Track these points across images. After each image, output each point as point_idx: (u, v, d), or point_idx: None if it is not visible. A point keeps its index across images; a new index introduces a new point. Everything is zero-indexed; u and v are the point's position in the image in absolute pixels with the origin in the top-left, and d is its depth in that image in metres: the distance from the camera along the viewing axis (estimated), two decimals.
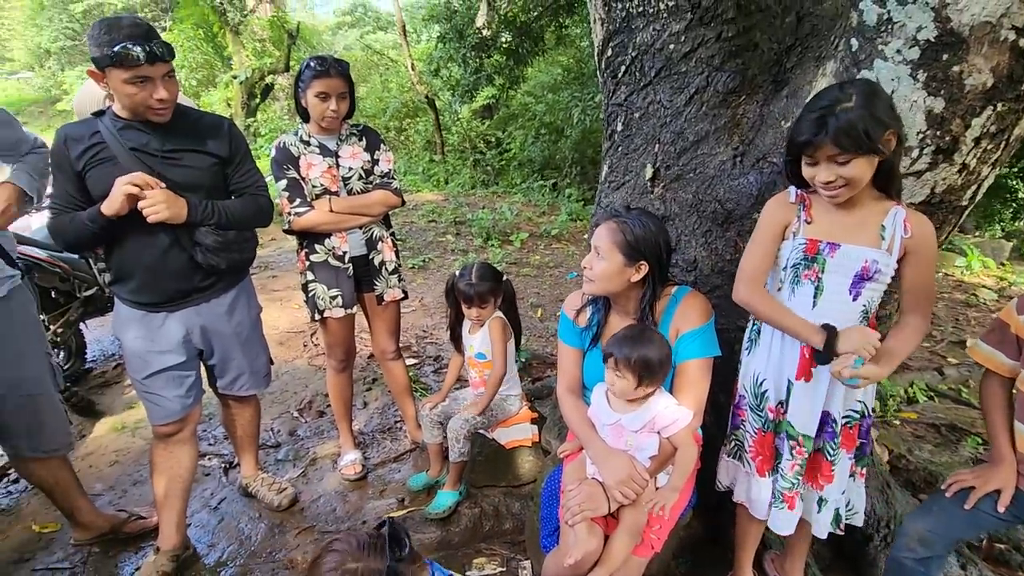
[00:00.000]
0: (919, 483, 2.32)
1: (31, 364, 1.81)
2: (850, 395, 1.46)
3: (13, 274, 1.75)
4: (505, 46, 8.01)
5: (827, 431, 1.47)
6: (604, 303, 1.63)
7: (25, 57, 24.41)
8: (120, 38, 1.52)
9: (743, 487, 1.61)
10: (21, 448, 1.88)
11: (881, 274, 1.36)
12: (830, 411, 1.46)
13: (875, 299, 1.40)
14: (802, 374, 1.44)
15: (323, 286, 2.20)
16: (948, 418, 2.83)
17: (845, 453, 1.49)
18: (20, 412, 1.81)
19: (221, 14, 11.65)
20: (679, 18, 1.65)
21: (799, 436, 1.47)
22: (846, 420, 1.47)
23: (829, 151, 1.26)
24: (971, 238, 6.08)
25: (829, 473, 1.50)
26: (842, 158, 1.25)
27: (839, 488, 1.51)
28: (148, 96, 1.60)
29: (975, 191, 1.48)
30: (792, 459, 1.49)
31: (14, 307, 1.76)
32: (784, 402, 1.50)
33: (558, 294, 4.78)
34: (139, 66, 1.55)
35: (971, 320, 4.19)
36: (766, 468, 1.54)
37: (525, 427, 2.30)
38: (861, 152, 1.24)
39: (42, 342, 1.89)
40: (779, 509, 1.53)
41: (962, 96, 1.31)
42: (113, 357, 3.77)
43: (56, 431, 1.92)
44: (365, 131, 2.24)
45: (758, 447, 1.55)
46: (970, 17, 1.23)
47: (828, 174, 1.29)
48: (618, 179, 1.98)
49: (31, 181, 1.78)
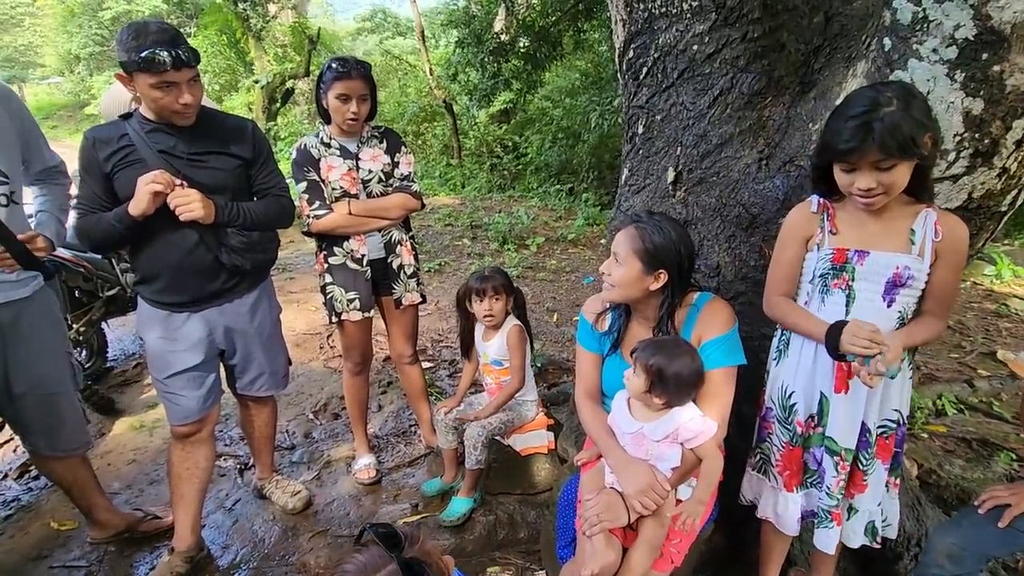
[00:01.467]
0: (951, 499, 2.24)
1: (52, 363, 1.83)
2: (886, 404, 1.41)
3: (36, 275, 1.77)
4: (523, 51, 8.01)
5: (862, 440, 1.42)
6: (624, 309, 1.60)
7: (56, 63, 25.16)
8: (148, 44, 1.55)
9: (769, 502, 1.56)
10: (40, 446, 1.90)
11: (915, 280, 1.32)
12: (865, 421, 1.41)
13: (911, 305, 1.36)
14: (841, 387, 1.40)
15: (340, 289, 2.19)
16: (980, 432, 2.72)
17: (881, 464, 1.44)
18: (40, 410, 1.83)
19: (244, 20, 11.88)
20: (703, 19, 1.62)
21: (842, 450, 1.43)
22: (882, 430, 1.42)
23: (873, 157, 1.21)
24: (1001, 246, 5.90)
25: (862, 483, 1.45)
26: (885, 164, 1.21)
27: (873, 499, 1.46)
28: (173, 100, 1.63)
29: (1016, 196, 1.42)
30: (837, 475, 1.44)
31: (36, 308, 1.78)
32: (816, 416, 1.45)
33: (574, 299, 4.74)
34: (165, 72, 1.57)
35: (1002, 331, 4.05)
36: (794, 483, 1.49)
37: (541, 434, 2.27)
38: (905, 157, 1.20)
39: (64, 342, 1.91)
40: (827, 528, 1.48)
41: (1003, 97, 1.25)
42: (133, 356, 3.81)
43: (74, 431, 1.93)
44: (386, 133, 2.24)
45: (785, 461, 1.50)
46: (1012, 15, 1.18)
47: (869, 181, 1.24)
48: (639, 182, 1.94)
49: (58, 229, 1.80)
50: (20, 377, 1.76)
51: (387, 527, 1.02)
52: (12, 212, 1.66)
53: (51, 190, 1.83)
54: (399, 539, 0.99)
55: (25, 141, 1.73)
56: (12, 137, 1.68)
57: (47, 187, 1.82)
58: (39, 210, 1.79)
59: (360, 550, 0.98)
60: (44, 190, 1.81)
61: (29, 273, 1.73)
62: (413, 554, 0.98)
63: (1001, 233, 6.39)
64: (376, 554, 0.97)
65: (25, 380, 1.77)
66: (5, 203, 1.64)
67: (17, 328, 1.73)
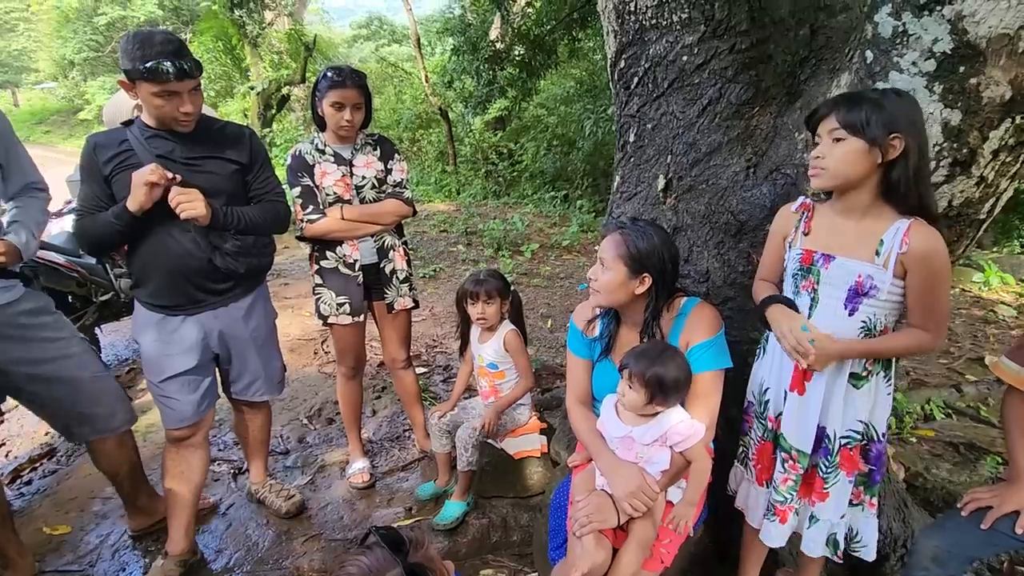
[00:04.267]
0: (937, 502, 2.27)
1: (61, 349, 1.83)
2: (849, 414, 1.40)
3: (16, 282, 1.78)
4: (518, 59, 8.07)
5: (822, 447, 1.43)
6: (614, 315, 1.63)
7: (49, 68, 25.11)
8: (152, 55, 1.58)
9: (744, 493, 1.60)
10: (81, 432, 1.93)
11: (877, 290, 1.30)
12: (826, 427, 1.41)
13: (879, 316, 1.34)
14: (795, 386, 1.41)
15: (331, 292, 2.22)
16: (967, 436, 2.76)
17: (844, 475, 1.43)
18: (68, 397, 1.84)
19: (240, 27, 11.91)
20: (692, 31, 1.66)
21: (792, 450, 1.44)
22: (845, 440, 1.42)
23: (830, 124, 1.27)
24: (989, 253, 5.98)
25: (822, 491, 1.45)
26: (837, 134, 1.26)
27: (835, 511, 1.46)
28: (174, 109, 1.66)
29: (993, 204, 1.46)
30: (785, 472, 1.46)
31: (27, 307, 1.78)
32: (782, 413, 1.47)
33: (568, 305, 4.77)
34: (168, 82, 1.60)
35: (990, 337, 4.11)
36: (764, 477, 1.52)
37: (534, 438, 2.29)
38: (854, 133, 1.24)
39: (69, 329, 1.90)
40: (771, 521, 1.50)
41: (979, 108, 1.29)
42: (126, 362, 3.81)
43: (114, 409, 1.95)
44: (380, 141, 2.26)
45: (759, 455, 1.54)
46: (987, 29, 1.22)
47: (819, 150, 1.30)
48: (630, 190, 1.98)
49: (29, 242, 1.77)
50: (34, 370, 1.77)
51: (392, 530, 1.02)
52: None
53: (26, 203, 1.82)
54: (404, 543, 1.00)
55: (4, 154, 1.74)
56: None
57: (23, 200, 1.82)
58: (10, 220, 1.79)
59: (364, 552, 0.98)
60: (19, 203, 1.81)
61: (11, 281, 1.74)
62: (417, 559, 0.98)
63: (990, 241, 6.48)
64: (381, 557, 0.97)
65: (39, 372, 1.78)
66: None
67: (12, 327, 1.73)
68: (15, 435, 2.99)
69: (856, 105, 1.25)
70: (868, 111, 1.23)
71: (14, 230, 1.76)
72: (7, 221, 1.79)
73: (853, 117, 1.24)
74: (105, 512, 2.35)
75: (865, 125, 1.23)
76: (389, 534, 1.01)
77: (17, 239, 1.74)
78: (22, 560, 1.95)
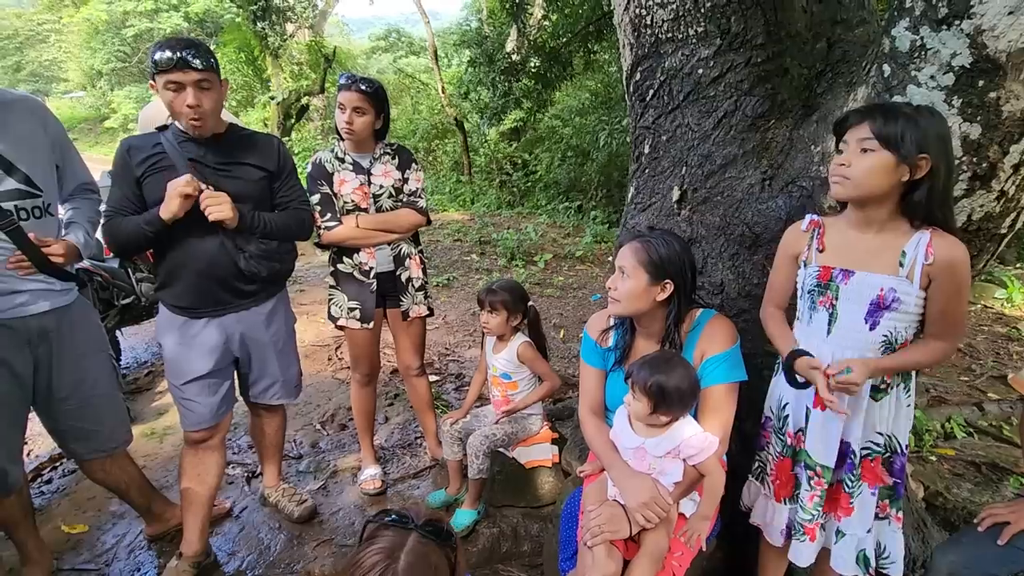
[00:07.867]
0: (957, 522, 2.21)
1: (92, 367, 1.86)
2: (869, 426, 1.39)
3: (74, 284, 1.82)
4: (534, 71, 8.16)
5: (847, 462, 1.42)
6: (629, 325, 1.63)
7: (78, 78, 25.85)
8: (160, 47, 1.66)
9: (761, 509, 1.58)
10: (81, 452, 1.92)
11: (901, 303, 1.29)
12: (849, 441, 1.40)
13: (900, 330, 1.33)
14: (819, 402, 1.40)
15: (344, 295, 2.26)
16: (989, 456, 2.70)
17: (867, 488, 1.42)
18: (78, 416, 1.84)
19: (263, 39, 12.18)
20: (708, 44, 1.67)
21: (817, 466, 1.43)
22: (866, 452, 1.41)
23: (861, 133, 1.25)
24: (1012, 269, 5.86)
25: (848, 506, 1.43)
26: (868, 144, 1.24)
27: (862, 525, 1.44)
28: (181, 102, 1.69)
29: (1015, 219, 1.44)
30: (811, 490, 1.44)
31: (76, 315, 1.81)
32: (803, 429, 1.46)
33: (581, 315, 4.76)
34: (169, 71, 1.65)
35: (1013, 354, 4.02)
36: (783, 494, 1.50)
37: (545, 447, 2.28)
38: (886, 146, 1.22)
39: (104, 344, 1.94)
40: (800, 541, 1.48)
41: (999, 123, 1.29)
42: (146, 364, 3.88)
43: (114, 430, 1.96)
44: (399, 150, 2.30)
45: (777, 471, 1.52)
46: (1007, 43, 1.22)
47: (844, 157, 1.28)
48: (645, 201, 1.98)
49: (87, 241, 1.81)
50: (64, 382, 1.79)
51: (384, 512, 1.05)
52: (45, 223, 1.71)
53: (81, 203, 1.88)
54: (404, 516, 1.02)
55: (61, 156, 1.79)
56: (47, 151, 1.73)
57: (78, 200, 1.87)
58: (68, 221, 1.84)
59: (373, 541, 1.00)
60: (75, 203, 1.86)
61: (66, 285, 1.77)
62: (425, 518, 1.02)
63: (1012, 256, 6.36)
64: (392, 535, 0.99)
65: (68, 384, 1.80)
66: (39, 215, 1.69)
67: (61, 334, 1.77)
68: (37, 434, 3.05)
69: (892, 118, 1.22)
70: (904, 126, 1.20)
71: (72, 230, 1.80)
72: (65, 221, 1.83)
73: (889, 130, 1.21)
74: (122, 512, 2.38)
75: (900, 140, 1.20)
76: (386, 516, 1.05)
77: (76, 238, 1.77)
78: (41, 557, 1.98)
